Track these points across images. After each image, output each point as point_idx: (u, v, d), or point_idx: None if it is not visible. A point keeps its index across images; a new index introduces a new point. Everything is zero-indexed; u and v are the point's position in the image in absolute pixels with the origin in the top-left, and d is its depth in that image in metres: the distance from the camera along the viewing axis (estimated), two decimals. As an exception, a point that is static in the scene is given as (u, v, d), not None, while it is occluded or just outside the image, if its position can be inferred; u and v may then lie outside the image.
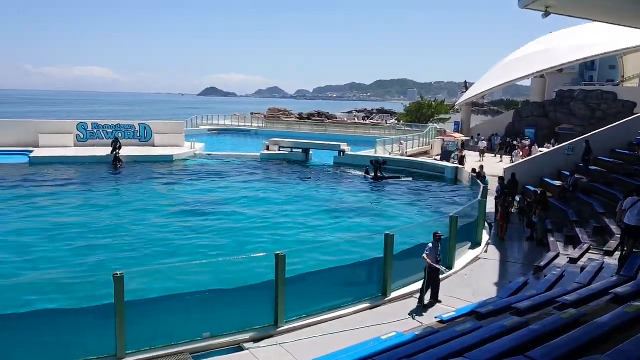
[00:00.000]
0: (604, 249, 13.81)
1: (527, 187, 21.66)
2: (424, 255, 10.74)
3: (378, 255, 11.19)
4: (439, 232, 10.99)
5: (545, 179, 22.30)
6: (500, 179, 19.71)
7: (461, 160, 31.80)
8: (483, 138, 40.66)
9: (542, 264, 13.30)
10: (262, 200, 22.48)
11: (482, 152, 37.53)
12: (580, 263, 12.97)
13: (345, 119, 68.63)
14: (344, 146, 34.35)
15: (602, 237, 15.15)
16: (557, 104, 44.02)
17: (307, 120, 62.39)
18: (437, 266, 10.76)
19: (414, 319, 10.16)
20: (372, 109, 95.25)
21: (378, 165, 28.58)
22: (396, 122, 63.17)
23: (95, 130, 35.00)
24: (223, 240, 16.18)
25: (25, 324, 8.02)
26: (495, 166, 30.28)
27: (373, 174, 28.45)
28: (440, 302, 10.87)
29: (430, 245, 10.82)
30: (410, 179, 28.54)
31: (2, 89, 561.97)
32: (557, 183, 21.51)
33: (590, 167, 21.14)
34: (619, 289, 8.28)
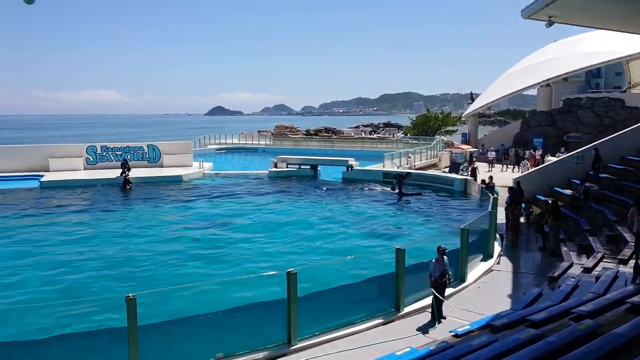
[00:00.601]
0: (618, 257, 13.66)
1: (538, 196, 21.54)
2: (427, 274, 10.68)
3: (390, 271, 11.13)
4: (442, 246, 10.85)
5: (556, 188, 22.18)
6: (510, 188, 19.69)
7: (473, 172, 30.68)
8: (492, 148, 40.44)
9: (556, 274, 13.18)
10: (271, 217, 22.47)
11: (490, 163, 37.34)
12: (595, 272, 12.84)
13: (352, 134, 68.80)
14: (351, 161, 34.33)
15: (616, 245, 15.00)
16: (565, 113, 43.91)
17: (314, 137, 62.57)
18: (436, 293, 10.55)
19: (427, 333, 10.06)
20: (379, 123, 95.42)
21: (400, 179, 28.24)
22: (403, 135, 63.25)
23: (104, 153, 35.38)
24: (234, 259, 16.17)
25: (40, 349, 8.04)
26: (502, 176, 30.02)
27: (398, 190, 28.01)
28: (444, 318, 10.67)
29: (434, 260, 10.74)
30: (433, 194, 27.93)
31: (13, 115, 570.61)
32: (568, 192, 21.39)
33: (600, 175, 21.01)
34: (635, 298, 8.17)
